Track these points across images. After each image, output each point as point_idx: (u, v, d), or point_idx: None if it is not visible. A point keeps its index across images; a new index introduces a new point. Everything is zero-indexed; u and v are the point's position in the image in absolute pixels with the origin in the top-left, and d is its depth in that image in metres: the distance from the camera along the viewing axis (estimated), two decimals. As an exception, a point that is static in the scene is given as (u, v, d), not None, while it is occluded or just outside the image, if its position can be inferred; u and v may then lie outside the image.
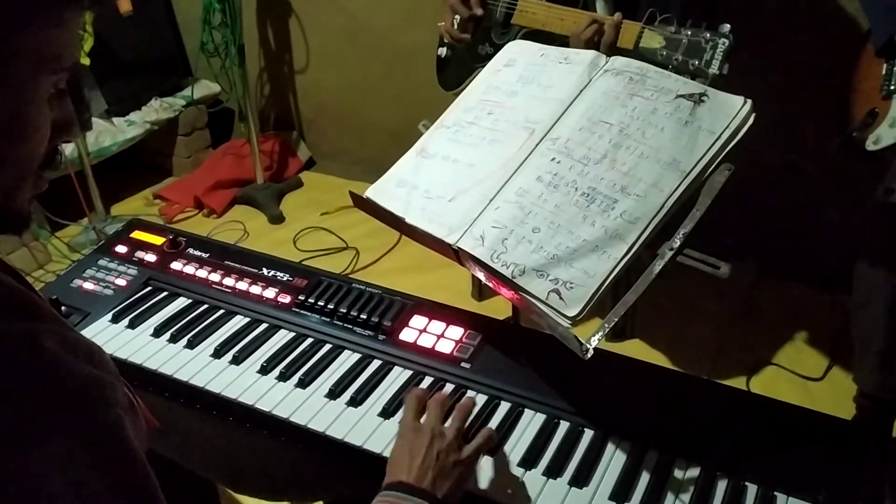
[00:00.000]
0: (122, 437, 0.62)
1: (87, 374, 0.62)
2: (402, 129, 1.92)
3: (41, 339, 0.60)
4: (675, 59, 1.39)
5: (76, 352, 0.63)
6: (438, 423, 0.95)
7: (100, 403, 0.62)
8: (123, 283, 1.34)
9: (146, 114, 3.14)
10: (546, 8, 1.72)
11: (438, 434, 0.93)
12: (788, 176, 2.46)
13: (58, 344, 0.61)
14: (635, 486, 0.96)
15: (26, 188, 0.67)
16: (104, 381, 0.63)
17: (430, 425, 0.94)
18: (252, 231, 2.99)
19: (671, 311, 2.38)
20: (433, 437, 0.92)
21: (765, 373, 2.18)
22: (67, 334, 0.63)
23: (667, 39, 1.40)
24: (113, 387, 0.64)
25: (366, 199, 1.21)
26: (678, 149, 1.02)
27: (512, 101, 1.20)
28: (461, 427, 0.96)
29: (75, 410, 0.59)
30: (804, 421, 1.04)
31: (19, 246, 2.72)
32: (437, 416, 0.96)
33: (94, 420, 0.61)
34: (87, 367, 0.62)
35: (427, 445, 0.91)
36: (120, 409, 0.64)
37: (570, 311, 0.95)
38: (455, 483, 0.90)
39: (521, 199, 1.07)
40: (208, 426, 1.15)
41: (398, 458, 0.92)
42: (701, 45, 1.35)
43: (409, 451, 0.91)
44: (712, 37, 1.34)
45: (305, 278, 1.31)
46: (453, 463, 0.92)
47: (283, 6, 3.18)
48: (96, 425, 0.61)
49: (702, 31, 1.35)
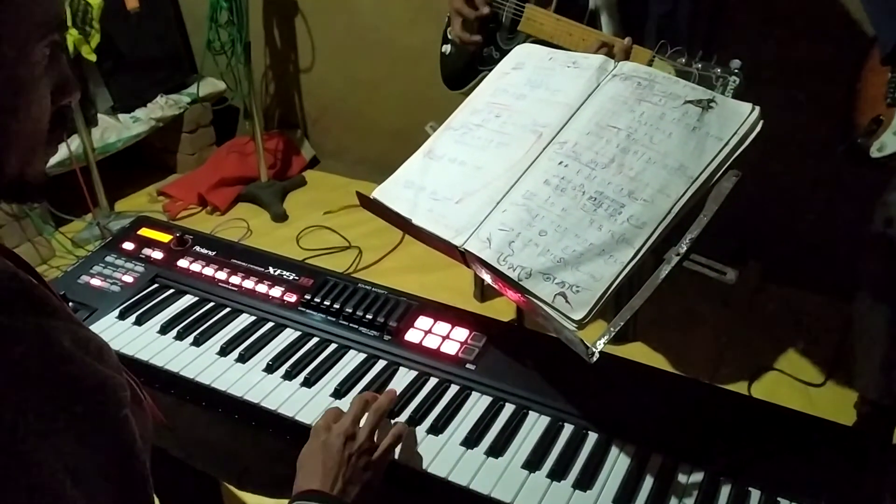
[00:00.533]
0: (128, 438, 0.63)
1: (99, 373, 0.62)
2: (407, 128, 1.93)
3: (56, 336, 0.60)
4: None
5: (89, 350, 0.63)
6: (351, 426, 0.96)
7: (110, 404, 0.62)
8: (130, 280, 1.34)
9: (151, 110, 3.14)
10: (554, 20, 1.72)
11: (350, 437, 0.95)
12: (792, 182, 2.46)
13: (72, 342, 0.61)
14: (639, 489, 0.96)
15: (39, 155, 0.68)
16: (115, 382, 0.63)
17: (341, 428, 0.95)
18: (255, 229, 3.00)
19: (673, 315, 2.39)
20: (345, 440, 0.94)
21: (766, 378, 2.18)
22: (79, 332, 0.63)
23: (677, 71, 1.39)
24: (122, 387, 0.65)
25: (373, 199, 1.22)
26: (686, 154, 1.02)
27: (520, 104, 1.21)
28: (373, 428, 0.98)
29: (87, 410, 0.60)
30: (806, 426, 1.04)
31: (23, 241, 2.73)
32: (351, 419, 0.97)
33: (104, 420, 0.61)
34: (99, 365, 0.62)
35: (338, 450, 0.93)
36: (127, 409, 0.64)
37: (575, 315, 0.96)
38: (365, 486, 0.93)
39: (528, 202, 1.07)
40: (213, 423, 1.15)
41: (308, 464, 0.93)
42: (711, 82, 1.35)
43: (321, 457, 0.93)
44: (723, 73, 1.33)
45: (311, 278, 1.32)
46: (363, 466, 0.93)
47: (290, 5, 3.18)
48: (106, 426, 0.61)
49: (712, 66, 1.35)
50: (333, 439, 0.94)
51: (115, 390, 0.63)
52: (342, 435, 0.94)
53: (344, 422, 0.97)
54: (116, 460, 0.61)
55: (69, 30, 2.62)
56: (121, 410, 0.63)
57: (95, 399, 0.61)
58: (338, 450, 0.93)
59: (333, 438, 0.94)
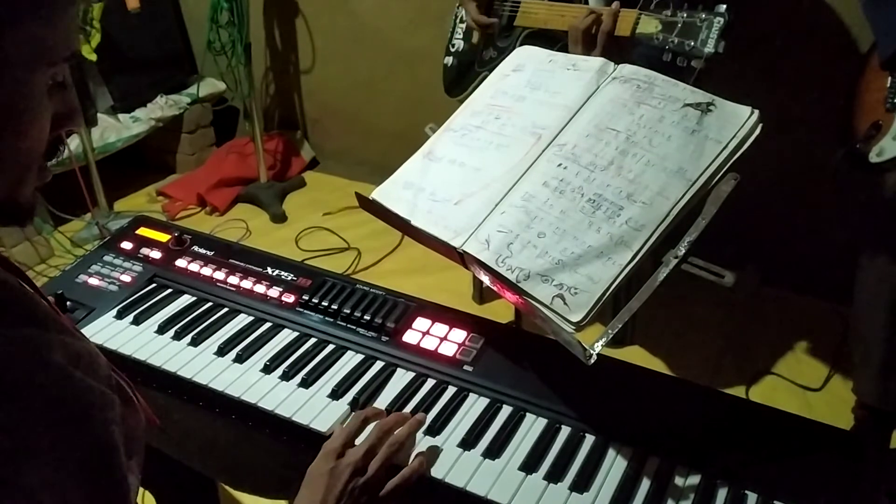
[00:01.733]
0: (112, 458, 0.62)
1: (88, 388, 0.61)
2: (406, 130, 1.93)
3: (48, 349, 0.59)
4: (671, 41, 1.39)
5: (79, 363, 0.62)
6: (363, 459, 0.94)
7: (97, 421, 0.61)
8: (128, 280, 1.34)
9: (151, 111, 3.15)
10: (547, 7, 1.73)
11: (358, 470, 0.93)
12: (791, 186, 2.46)
13: (63, 355, 0.60)
14: (636, 492, 0.96)
15: (30, 180, 0.67)
16: (104, 398, 0.62)
17: (352, 458, 0.93)
18: (254, 230, 3.00)
19: (671, 319, 2.39)
20: (353, 471, 0.92)
21: (764, 382, 2.18)
22: (71, 344, 0.62)
23: (663, 23, 1.41)
24: (112, 403, 0.64)
25: (372, 200, 1.22)
26: (685, 157, 1.02)
27: (520, 106, 1.21)
28: (383, 464, 0.95)
29: (74, 428, 0.59)
30: (804, 430, 1.04)
31: (22, 240, 2.73)
32: (364, 450, 0.95)
33: (88, 438, 0.60)
34: (88, 379, 0.61)
35: (343, 482, 0.91)
36: (115, 425, 0.63)
37: (574, 317, 0.96)
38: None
39: (527, 204, 1.08)
40: (210, 423, 1.15)
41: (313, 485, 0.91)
42: (696, 25, 1.36)
43: (325, 482, 0.91)
44: (707, 16, 1.34)
45: (309, 278, 1.32)
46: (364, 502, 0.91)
47: (290, 6, 3.19)
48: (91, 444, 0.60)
49: (697, 12, 1.36)
50: (342, 469, 0.92)
51: (103, 407, 0.62)
52: (351, 465, 0.92)
53: (357, 451, 0.94)
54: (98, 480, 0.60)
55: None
56: (107, 427, 0.62)
57: (82, 416, 0.60)
58: (343, 481, 0.91)
59: (342, 468, 0.92)
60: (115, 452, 0.62)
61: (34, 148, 0.65)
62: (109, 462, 0.62)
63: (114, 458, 0.62)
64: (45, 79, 0.63)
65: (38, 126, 0.64)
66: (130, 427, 0.76)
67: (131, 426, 0.77)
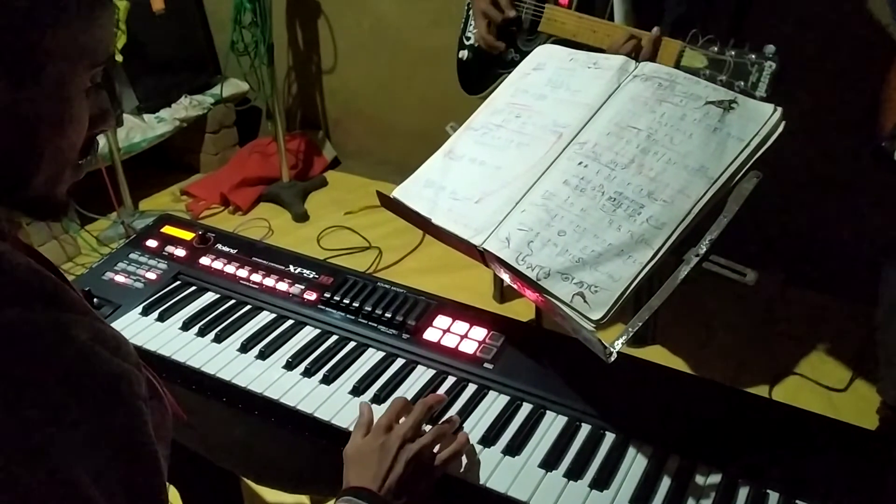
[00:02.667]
0: (142, 431, 0.64)
1: (116, 366, 0.63)
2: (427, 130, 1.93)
3: (72, 329, 0.61)
4: (720, 79, 1.37)
5: (105, 343, 0.63)
6: (412, 431, 0.96)
7: (126, 397, 0.63)
8: (153, 277, 1.36)
9: (176, 111, 3.18)
10: (576, 18, 1.71)
11: (409, 441, 0.95)
12: (816, 185, 2.44)
13: (88, 335, 0.62)
14: (656, 490, 0.96)
15: (66, 177, 0.69)
16: (131, 375, 0.64)
17: (401, 430, 0.95)
18: (276, 229, 3.02)
19: (693, 319, 2.37)
20: (403, 443, 0.94)
21: (787, 382, 2.16)
22: (97, 325, 0.64)
23: (710, 59, 1.38)
24: (139, 380, 0.65)
25: (393, 199, 1.22)
26: (706, 155, 1.02)
27: (540, 104, 1.21)
28: (434, 440, 0.97)
29: (102, 403, 0.60)
30: (827, 430, 1.03)
31: (49, 239, 2.77)
32: (412, 423, 0.97)
33: (118, 413, 0.62)
34: (115, 359, 0.63)
35: (394, 454, 0.93)
36: (143, 402, 0.65)
37: (594, 315, 0.96)
38: (414, 494, 0.92)
39: (547, 203, 1.08)
40: (234, 419, 1.16)
41: (363, 461, 0.93)
42: (747, 68, 1.33)
43: (377, 457, 0.93)
44: (758, 58, 1.32)
45: (331, 276, 1.33)
46: (418, 475, 0.93)
47: (313, 7, 3.21)
48: (120, 419, 0.62)
49: (746, 53, 1.33)
50: (392, 441, 0.94)
51: (130, 382, 0.64)
52: (401, 438, 0.94)
53: (405, 425, 0.97)
54: (128, 450, 0.62)
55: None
56: (135, 401, 0.64)
57: (110, 391, 0.61)
58: (394, 453, 0.93)
59: (393, 440, 0.94)
60: (145, 427, 0.64)
61: (74, 146, 0.67)
62: (140, 435, 0.63)
63: (144, 431, 0.64)
64: (85, 80, 0.65)
65: (79, 125, 0.66)
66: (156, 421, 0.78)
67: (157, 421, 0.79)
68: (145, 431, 0.64)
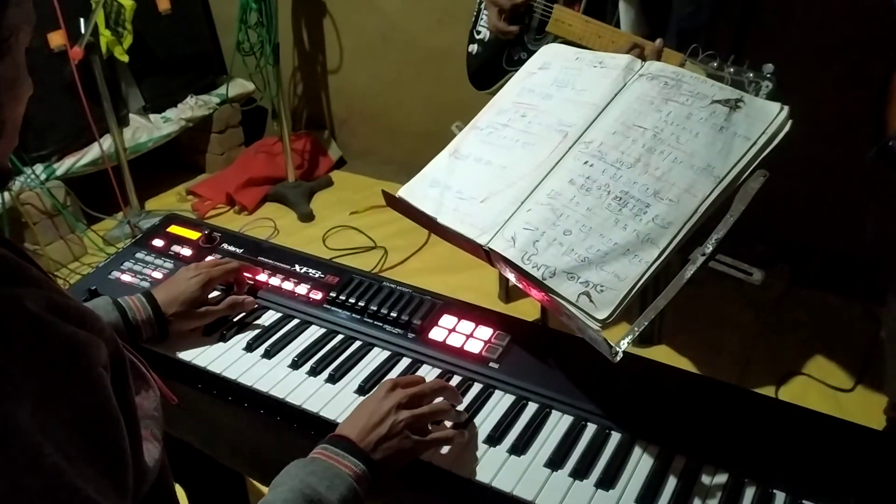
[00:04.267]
0: (103, 397, 0.65)
1: (70, 334, 0.64)
2: (433, 130, 1.94)
3: (23, 301, 0.62)
4: None
5: (63, 314, 0.65)
6: (412, 398, 0.98)
7: (85, 363, 0.64)
8: (160, 276, 1.36)
9: (182, 111, 3.19)
10: (583, 22, 1.71)
11: (404, 405, 0.97)
12: (823, 185, 2.43)
13: (42, 306, 0.63)
14: (662, 489, 0.96)
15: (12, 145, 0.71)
16: (90, 342, 0.65)
17: (401, 394, 0.98)
18: (282, 228, 3.03)
19: (699, 318, 2.37)
20: (397, 405, 0.96)
21: (794, 382, 2.16)
22: (55, 298, 0.66)
23: (709, 75, 1.38)
24: (99, 346, 0.67)
25: (398, 198, 1.22)
26: (712, 154, 1.02)
27: (546, 104, 1.21)
28: (433, 412, 0.99)
29: (59, 371, 0.62)
30: (834, 430, 1.03)
31: (56, 238, 2.78)
32: (417, 391, 0.99)
33: (74, 379, 0.63)
34: (71, 327, 0.64)
35: (386, 410, 0.95)
36: (103, 369, 0.66)
37: (599, 314, 0.96)
38: (393, 456, 0.94)
39: (553, 202, 1.08)
40: (239, 418, 1.17)
41: (358, 412, 0.97)
42: (744, 86, 1.33)
43: (369, 409, 0.96)
44: (756, 77, 1.32)
45: (337, 276, 1.33)
46: (402, 436, 0.94)
47: (318, 7, 3.21)
48: (79, 385, 0.63)
49: (745, 71, 1.33)
50: (389, 399, 0.96)
51: (86, 349, 0.65)
52: (398, 400, 0.96)
53: (408, 391, 0.99)
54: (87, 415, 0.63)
55: (102, 31, 2.67)
56: (93, 368, 0.65)
57: (65, 358, 0.62)
58: (387, 410, 0.95)
59: (389, 399, 0.97)
60: (105, 392, 0.65)
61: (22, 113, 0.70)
62: (99, 400, 0.64)
63: (104, 397, 0.65)
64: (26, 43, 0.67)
65: (29, 88, 0.70)
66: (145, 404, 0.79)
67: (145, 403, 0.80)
68: (105, 399, 0.65)
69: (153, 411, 0.83)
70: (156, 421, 0.83)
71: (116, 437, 0.65)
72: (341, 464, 0.89)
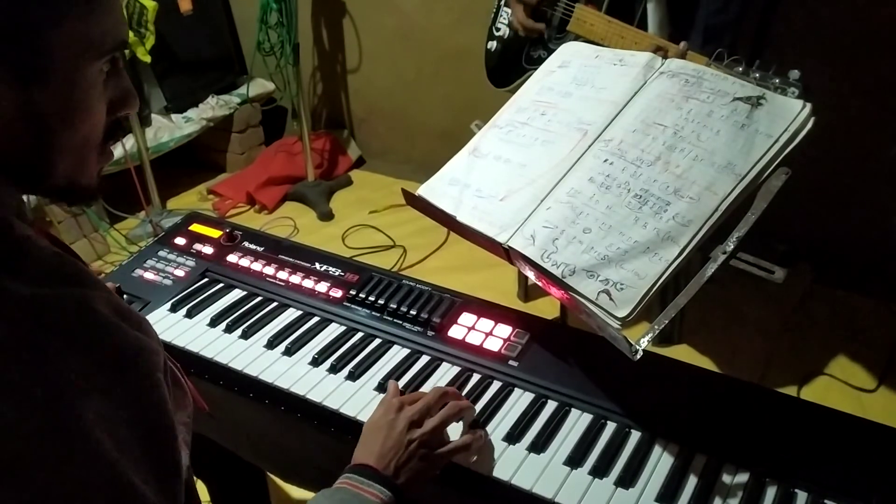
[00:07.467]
0: (161, 403, 0.66)
1: (136, 339, 0.65)
2: (452, 129, 1.94)
3: (95, 303, 0.63)
4: None
5: (127, 319, 0.66)
6: (420, 414, 0.97)
7: (146, 369, 0.65)
8: (182, 274, 1.38)
9: (203, 111, 3.22)
10: (606, 22, 1.70)
11: (415, 424, 0.95)
12: (847, 183, 2.40)
13: (110, 309, 0.64)
14: (682, 488, 0.95)
15: (91, 165, 0.70)
16: (152, 348, 0.66)
17: (409, 412, 0.96)
18: (302, 227, 3.04)
19: (720, 318, 2.35)
20: (409, 424, 0.95)
21: (816, 383, 2.14)
22: (119, 302, 0.67)
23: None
24: (158, 356, 0.67)
25: (418, 196, 1.23)
26: (734, 152, 1.01)
27: (565, 102, 1.21)
28: (443, 422, 0.97)
29: (125, 372, 0.63)
30: (856, 430, 1.02)
31: (80, 237, 2.82)
32: (422, 406, 0.97)
33: (140, 383, 0.64)
34: (134, 332, 0.65)
35: (399, 432, 0.94)
36: (162, 376, 0.67)
37: (619, 312, 0.96)
38: (416, 476, 0.93)
39: (572, 200, 1.07)
40: (260, 415, 1.18)
41: (370, 439, 0.95)
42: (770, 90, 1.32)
43: (383, 435, 0.94)
44: (781, 83, 1.30)
45: (357, 274, 1.34)
46: (420, 456, 0.93)
47: (338, 7, 3.23)
48: (141, 388, 0.64)
49: (770, 77, 1.32)
50: (400, 421, 0.95)
51: (150, 356, 0.65)
52: (408, 419, 0.95)
53: (415, 408, 0.97)
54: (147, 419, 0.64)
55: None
56: (155, 374, 0.66)
57: (131, 362, 0.63)
58: (400, 432, 0.94)
59: (400, 421, 0.95)
60: (164, 400, 0.66)
61: (89, 137, 0.68)
62: (159, 406, 0.65)
63: (162, 404, 0.65)
64: (94, 71, 0.65)
65: (92, 117, 0.67)
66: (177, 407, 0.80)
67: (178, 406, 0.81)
68: (163, 404, 0.66)
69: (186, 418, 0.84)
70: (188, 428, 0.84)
71: (172, 445, 0.66)
72: (367, 492, 0.88)
